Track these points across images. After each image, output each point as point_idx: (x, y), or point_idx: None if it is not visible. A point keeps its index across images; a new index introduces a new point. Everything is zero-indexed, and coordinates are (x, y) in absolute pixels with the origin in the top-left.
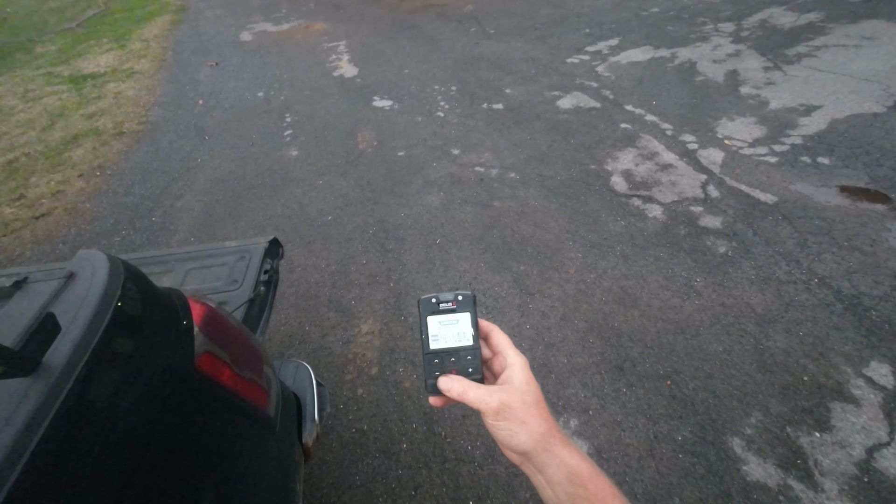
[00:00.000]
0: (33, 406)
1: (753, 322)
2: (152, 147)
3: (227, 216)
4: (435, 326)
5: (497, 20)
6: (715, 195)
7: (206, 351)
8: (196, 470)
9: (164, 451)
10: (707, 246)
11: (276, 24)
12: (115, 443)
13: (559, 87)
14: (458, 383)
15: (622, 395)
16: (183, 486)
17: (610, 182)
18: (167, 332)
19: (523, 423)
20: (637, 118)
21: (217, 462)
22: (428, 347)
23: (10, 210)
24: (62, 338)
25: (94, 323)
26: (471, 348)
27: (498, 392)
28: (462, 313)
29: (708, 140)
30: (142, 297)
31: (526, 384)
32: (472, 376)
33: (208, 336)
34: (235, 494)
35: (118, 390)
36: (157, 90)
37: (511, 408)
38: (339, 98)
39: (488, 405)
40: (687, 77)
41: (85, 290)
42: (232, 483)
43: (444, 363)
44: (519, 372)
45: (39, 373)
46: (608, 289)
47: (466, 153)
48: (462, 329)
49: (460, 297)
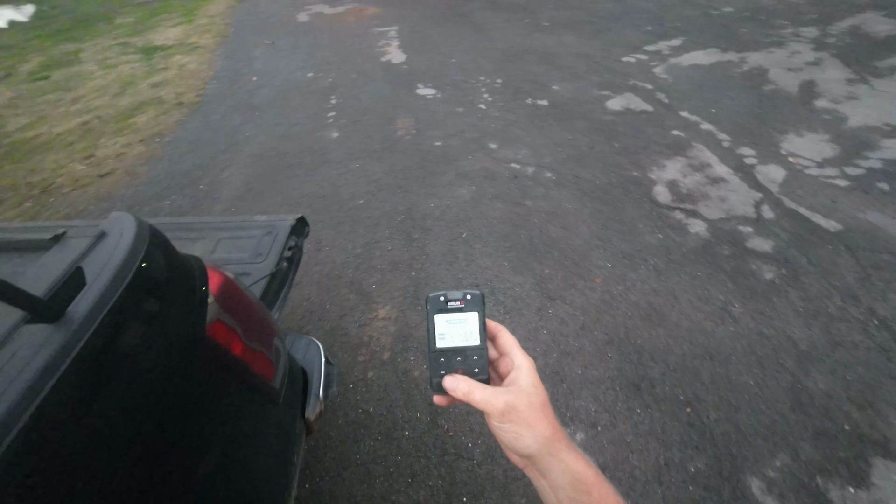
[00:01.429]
0: (53, 352)
1: (793, 358)
2: (206, 119)
3: (266, 191)
4: (442, 325)
5: (552, 11)
6: (769, 216)
7: (219, 319)
8: (197, 431)
9: (169, 408)
10: (752, 270)
11: (331, 6)
12: (123, 395)
13: (610, 86)
14: (464, 383)
15: (635, 415)
16: (183, 445)
17: (652, 191)
18: (184, 297)
19: (529, 426)
20: (691, 125)
21: (218, 426)
22: (434, 346)
23: (80, 167)
24: (86, 291)
25: (117, 280)
26: (477, 348)
27: (504, 394)
28: (470, 312)
29: (769, 155)
30: (164, 261)
31: (533, 387)
32: (477, 376)
33: (222, 305)
34: (234, 458)
35: (132, 346)
36: (216, 65)
37: (517, 410)
38: (384, 83)
39: (494, 406)
40: (755, 85)
41: (112, 249)
42: (231, 447)
43: (451, 362)
44: (526, 374)
45: (62, 322)
46: (635, 303)
47: (503, 148)
48: (469, 328)
49: (469, 297)
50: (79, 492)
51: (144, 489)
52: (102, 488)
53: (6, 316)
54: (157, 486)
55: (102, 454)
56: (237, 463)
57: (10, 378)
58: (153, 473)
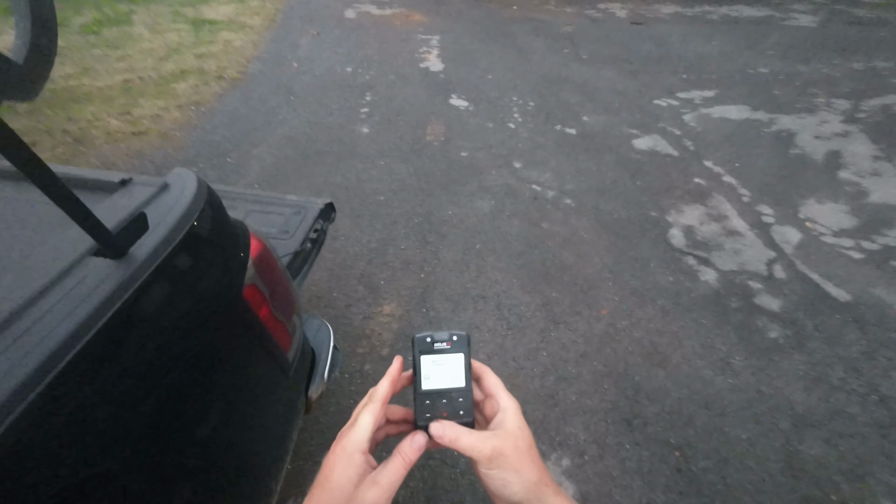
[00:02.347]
0: (115, 284)
1: (790, 420)
2: (244, 96)
3: (292, 173)
4: (428, 366)
5: (593, 46)
6: (780, 276)
7: (254, 284)
8: (220, 384)
9: (200, 358)
10: (758, 326)
11: (379, 7)
12: (166, 337)
13: (639, 125)
14: (451, 430)
15: (623, 451)
16: (205, 395)
17: (668, 233)
18: (228, 256)
19: (516, 472)
20: (714, 176)
21: (237, 384)
22: (420, 387)
23: (116, 122)
24: (148, 235)
25: (175, 230)
26: (463, 390)
27: (491, 438)
28: (456, 354)
29: (787, 217)
30: (215, 220)
31: (519, 430)
32: (462, 419)
33: (258, 271)
34: (245, 418)
35: (179, 291)
36: (261, 46)
37: (504, 455)
38: (420, 88)
39: (481, 452)
40: (781, 147)
41: (174, 201)
42: (245, 407)
43: (435, 404)
44: (512, 416)
45: (124, 260)
46: (638, 340)
47: (528, 169)
48: (455, 370)
49: (455, 338)
50: (126, 408)
51: (169, 426)
52: (141, 414)
53: (74, 245)
54: (180, 426)
55: (144, 384)
56: (247, 423)
57: (80, 299)
58: (178, 415)
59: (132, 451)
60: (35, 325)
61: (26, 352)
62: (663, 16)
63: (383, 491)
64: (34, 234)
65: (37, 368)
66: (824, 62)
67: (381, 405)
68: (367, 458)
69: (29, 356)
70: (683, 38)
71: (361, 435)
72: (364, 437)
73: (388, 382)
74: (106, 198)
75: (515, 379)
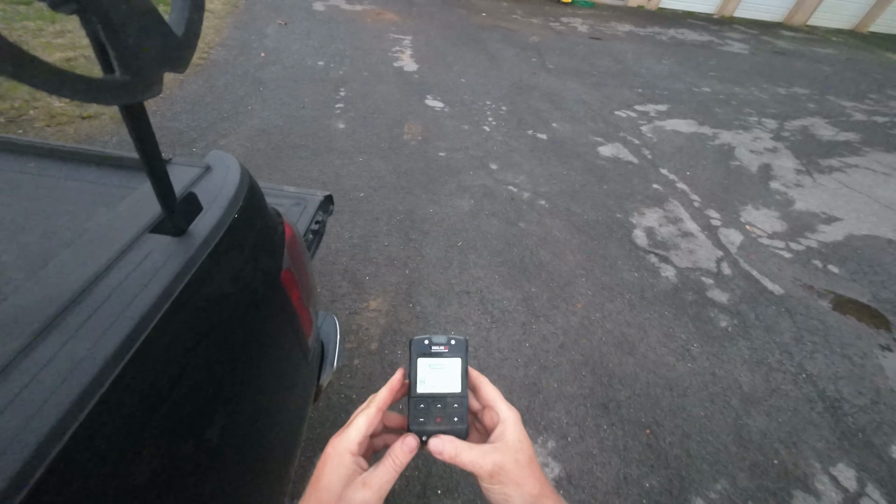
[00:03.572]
0: (182, 262)
1: (738, 398)
2: (207, 83)
3: (266, 167)
4: (424, 369)
5: (558, 57)
6: (727, 272)
7: (288, 268)
8: (252, 366)
9: (242, 337)
10: (710, 317)
11: (349, 2)
12: (216, 316)
13: (603, 134)
14: (450, 445)
15: (602, 431)
16: (239, 374)
17: (632, 234)
18: (268, 240)
19: (518, 486)
20: (669, 183)
21: (268, 366)
22: (415, 391)
23: (59, 104)
24: (203, 215)
25: (228, 211)
26: (458, 396)
27: (491, 452)
28: (453, 358)
29: (731, 221)
30: (258, 204)
31: (519, 442)
32: (456, 425)
33: (290, 256)
34: (271, 400)
35: (231, 272)
36: (223, 32)
37: (505, 470)
38: (395, 87)
39: (482, 468)
40: (723, 158)
41: (221, 182)
42: (271, 389)
43: (430, 409)
44: (512, 428)
45: (185, 238)
46: (610, 331)
47: (503, 171)
48: (451, 375)
49: (453, 342)
50: (183, 381)
51: (212, 404)
52: (198, 391)
53: (128, 222)
54: (221, 405)
55: (198, 364)
56: (276, 405)
57: (153, 270)
58: (220, 394)
59: (186, 429)
60: (109, 300)
61: (105, 327)
62: (619, 33)
63: (373, 492)
64: (78, 210)
65: (120, 344)
66: (755, 86)
67: (378, 411)
68: (357, 459)
69: (109, 332)
70: (638, 56)
71: (353, 436)
72: (355, 439)
73: (388, 390)
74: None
75: (501, 369)
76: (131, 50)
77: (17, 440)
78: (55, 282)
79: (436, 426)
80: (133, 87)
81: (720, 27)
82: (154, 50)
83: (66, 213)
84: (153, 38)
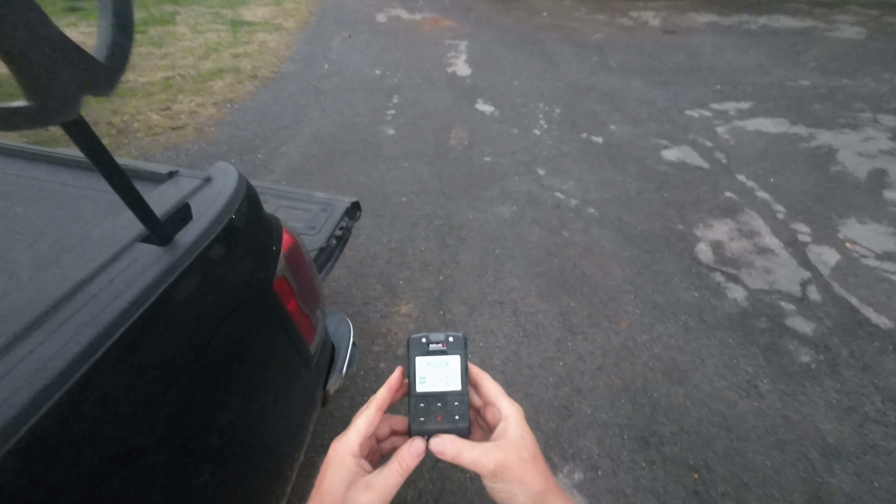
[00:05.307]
0: (162, 269)
1: (818, 450)
2: (275, 95)
3: (317, 171)
4: (423, 368)
5: (622, 55)
6: (815, 298)
7: (283, 276)
8: (245, 372)
9: (226, 343)
10: (787, 349)
11: (410, 12)
12: (198, 321)
13: (668, 136)
14: (451, 445)
15: (638, 468)
16: (225, 379)
17: (694, 248)
18: (262, 248)
19: (521, 483)
20: (747, 191)
21: (262, 373)
22: (414, 390)
23: (156, 117)
24: (191, 225)
25: (216, 222)
26: (458, 393)
27: (493, 450)
28: (452, 356)
29: (825, 237)
30: (252, 213)
31: (522, 438)
32: (457, 423)
33: (288, 264)
34: (266, 407)
35: (215, 279)
36: (294, 47)
37: (508, 468)
38: (446, 93)
39: (485, 467)
40: (820, 163)
41: (216, 194)
42: (262, 395)
43: (430, 407)
44: (514, 425)
45: (170, 247)
46: (657, 355)
47: (551, 176)
48: (451, 372)
49: (451, 339)
50: (159, 388)
51: (195, 408)
52: (172, 395)
53: (125, 231)
54: (205, 409)
55: (176, 366)
56: (269, 410)
57: (129, 281)
58: (205, 398)
59: (163, 429)
60: (88, 304)
61: (78, 329)
62: (698, 25)
63: (377, 495)
64: (90, 218)
65: (87, 345)
66: (871, 76)
67: (377, 410)
68: (360, 461)
69: (80, 334)
70: (718, 49)
71: (353, 437)
72: (355, 440)
73: (387, 389)
74: (155, 188)
75: (529, 387)
76: (35, 77)
77: None
78: (46, 286)
79: (437, 425)
80: (38, 113)
81: (828, 10)
82: (67, 76)
83: (79, 221)
84: (65, 64)
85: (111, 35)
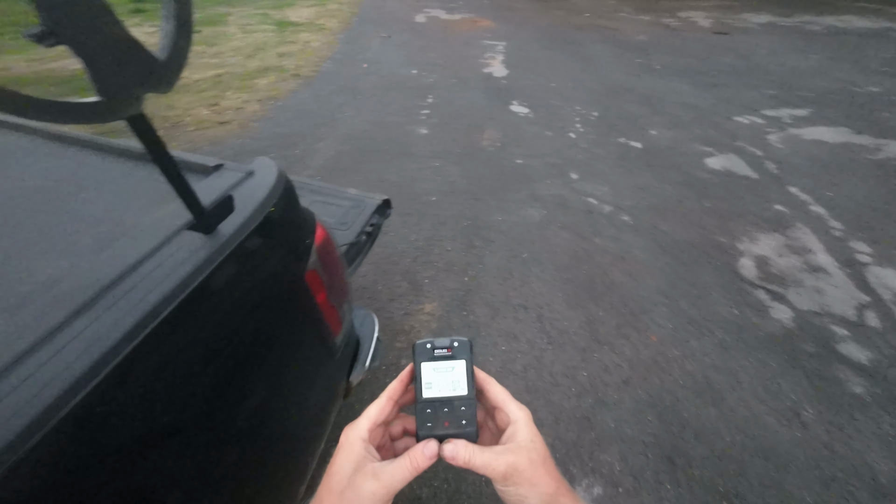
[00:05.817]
0: (206, 255)
1: (868, 490)
2: (314, 93)
3: (350, 168)
4: (429, 373)
5: (668, 56)
6: (873, 324)
7: (315, 269)
8: (268, 359)
9: (257, 331)
10: (837, 377)
11: (448, 12)
12: (234, 308)
13: (713, 142)
14: (463, 450)
15: (663, 489)
16: (254, 366)
17: (737, 262)
18: (296, 241)
19: (532, 486)
20: (799, 204)
21: (285, 361)
22: (421, 396)
23: (205, 112)
24: (233, 216)
25: (256, 214)
26: (465, 398)
27: (504, 454)
28: (458, 360)
29: (889, 258)
30: (289, 207)
31: (531, 441)
32: (465, 428)
33: (320, 257)
34: (287, 394)
35: (252, 269)
36: (334, 48)
37: (518, 470)
38: (481, 93)
39: (496, 471)
40: (887, 176)
41: (257, 187)
42: (288, 383)
43: (437, 413)
44: (523, 428)
45: (212, 235)
46: (690, 373)
47: (584, 180)
48: (457, 377)
49: (456, 344)
50: (195, 370)
51: (225, 392)
52: (206, 377)
53: (174, 219)
54: (234, 394)
55: (211, 349)
56: (293, 399)
57: (178, 264)
58: (234, 383)
59: (196, 409)
60: (138, 286)
61: (129, 309)
62: (753, 26)
63: (382, 486)
64: (144, 205)
65: (134, 325)
66: None
67: (388, 400)
68: (369, 447)
69: (129, 314)
70: (774, 51)
71: (363, 423)
72: (365, 426)
73: (399, 381)
74: (201, 179)
75: (550, 395)
76: (104, 74)
77: (46, 390)
78: (102, 267)
79: (444, 430)
80: (106, 108)
81: None
82: (133, 74)
83: (138, 208)
84: (130, 63)
85: (173, 36)
